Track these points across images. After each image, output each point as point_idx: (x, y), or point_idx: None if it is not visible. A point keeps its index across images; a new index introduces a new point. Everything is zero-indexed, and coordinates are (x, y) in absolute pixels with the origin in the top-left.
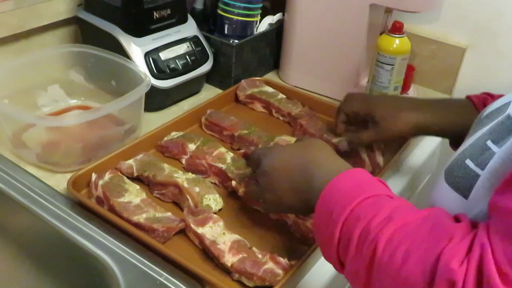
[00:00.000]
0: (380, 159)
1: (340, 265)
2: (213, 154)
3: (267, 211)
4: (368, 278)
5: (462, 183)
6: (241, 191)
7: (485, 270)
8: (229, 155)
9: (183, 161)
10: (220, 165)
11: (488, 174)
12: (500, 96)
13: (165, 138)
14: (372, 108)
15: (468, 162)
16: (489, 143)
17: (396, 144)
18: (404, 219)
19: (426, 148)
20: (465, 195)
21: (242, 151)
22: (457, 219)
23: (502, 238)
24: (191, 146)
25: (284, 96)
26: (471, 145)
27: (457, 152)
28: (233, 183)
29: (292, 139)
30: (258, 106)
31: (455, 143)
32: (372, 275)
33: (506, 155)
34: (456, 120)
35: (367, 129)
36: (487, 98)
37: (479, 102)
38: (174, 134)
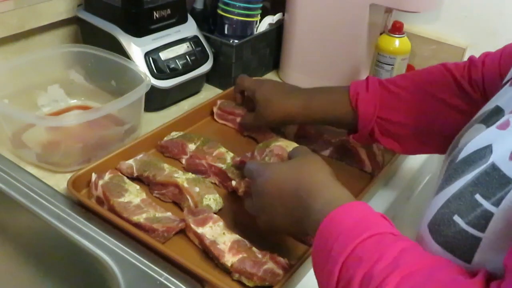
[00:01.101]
0: (380, 159)
1: None
2: (213, 154)
3: (261, 229)
4: None
5: (456, 244)
6: (241, 191)
7: None
8: (229, 155)
9: (183, 161)
10: (220, 165)
11: (493, 237)
12: (374, 88)
13: (165, 138)
14: (254, 92)
15: (457, 219)
16: (478, 197)
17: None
18: (411, 267)
19: None
20: (467, 260)
21: (238, 159)
22: (471, 272)
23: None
24: (191, 146)
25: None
26: (454, 196)
27: (437, 203)
28: (233, 183)
29: (289, 144)
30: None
31: (349, 130)
32: None
33: (511, 216)
34: (327, 107)
35: (251, 112)
36: (358, 93)
37: (353, 93)
38: (174, 134)
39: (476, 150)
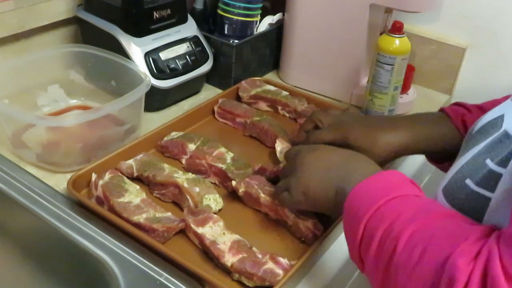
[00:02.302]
0: None
1: (361, 263)
2: (213, 154)
3: (286, 200)
4: (386, 276)
5: (468, 205)
6: (241, 191)
7: (490, 272)
8: (229, 155)
9: (183, 161)
10: (220, 165)
11: (501, 197)
12: (476, 106)
13: (165, 138)
14: (347, 139)
15: (469, 183)
16: (488, 162)
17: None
18: (426, 219)
19: None
20: (477, 219)
21: (259, 166)
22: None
23: None
24: (191, 146)
25: (287, 93)
26: (467, 163)
27: (452, 170)
28: (233, 183)
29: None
30: (263, 105)
31: (434, 157)
32: (389, 273)
33: None
34: (434, 136)
35: None
36: (464, 112)
37: (456, 116)
38: (174, 134)
39: (490, 120)
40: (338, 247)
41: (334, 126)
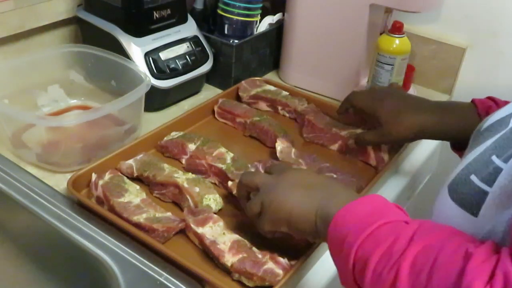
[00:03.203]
0: (385, 155)
1: None
2: (213, 154)
3: (259, 222)
4: None
5: (468, 200)
6: (235, 192)
7: None
8: (229, 155)
9: (183, 161)
10: (220, 165)
11: (498, 191)
12: (506, 102)
13: (165, 138)
14: (377, 108)
15: (473, 178)
16: (494, 158)
17: (400, 145)
18: (426, 241)
19: (426, 148)
20: (474, 213)
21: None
22: (481, 241)
23: None
24: (191, 146)
25: (287, 93)
26: (474, 159)
27: (460, 166)
28: (230, 183)
29: None
30: (263, 105)
31: (457, 146)
32: None
33: None
34: (459, 124)
35: (372, 129)
36: (492, 105)
37: (483, 107)
38: (174, 134)
39: (499, 119)
40: None
41: (369, 93)
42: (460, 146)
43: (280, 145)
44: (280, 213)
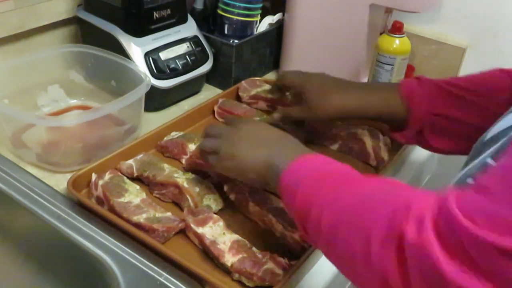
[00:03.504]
0: (385, 154)
1: (305, 232)
2: None
3: (213, 162)
4: (330, 236)
5: None
6: (231, 196)
7: (449, 211)
8: None
9: (183, 161)
10: None
11: None
12: (430, 80)
13: (165, 138)
14: (304, 85)
15: (469, 181)
16: (488, 159)
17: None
18: (369, 181)
19: None
20: None
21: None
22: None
23: (474, 187)
24: (191, 146)
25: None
26: (474, 165)
27: (461, 172)
28: (225, 187)
29: None
30: (263, 105)
31: (394, 129)
32: (337, 231)
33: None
34: (381, 104)
35: (298, 105)
36: (413, 89)
37: (405, 88)
38: (174, 134)
39: (501, 130)
40: None
41: (298, 72)
42: (396, 129)
43: None
44: (230, 162)
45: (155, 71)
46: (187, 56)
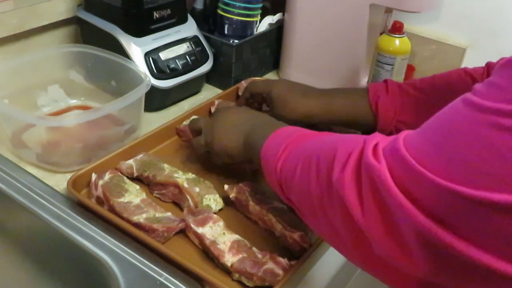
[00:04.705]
0: None
1: (283, 195)
2: None
3: (197, 143)
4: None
5: None
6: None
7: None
8: None
9: None
10: None
11: None
12: (397, 84)
13: (184, 123)
14: (269, 91)
15: None
16: None
17: None
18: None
19: None
20: None
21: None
22: None
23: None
24: None
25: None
26: None
27: None
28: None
29: None
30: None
31: (362, 133)
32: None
33: None
34: (347, 108)
35: (265, 111)
36: (380, 95)
37: (373, 94)
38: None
39: None
40: None
41: (264, 80)
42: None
43: None
44: (218, 148)
45: (155, 71)
46: (187, 56)
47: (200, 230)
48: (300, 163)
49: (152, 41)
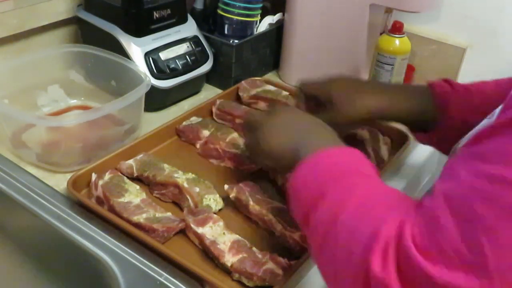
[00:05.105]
0: (385, 154)
1: (305, 225)
2: (227, 140)
3: (249, 147)
4: (327, 237)
5: None
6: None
7: (402, 241)
8: (242, 140)
9: (198, 146)
10: (234, 150)
11: None
12: (463, 86)
13: (184, 123)
14: (329, 90)
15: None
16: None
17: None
18: (372, 190)
19: (426, 148)
20: None
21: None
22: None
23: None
24: (205, 132)
25: (287, 93)
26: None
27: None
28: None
29: None
30: (263, 105)
31: (416, 130)
32: (331, 233)
33: None
34: (413, 106)
35: (324, 111)
36: (448, 91)
37: (439, 90)
38: (193, 120)
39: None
40: None
41: (319, 80)
42: (416, 127)
43: None
44: (264, 150)
45: (155, 71)
46: (187, 56)
47: (200, 230)
48: (333, 227)
49: (152, 41)
